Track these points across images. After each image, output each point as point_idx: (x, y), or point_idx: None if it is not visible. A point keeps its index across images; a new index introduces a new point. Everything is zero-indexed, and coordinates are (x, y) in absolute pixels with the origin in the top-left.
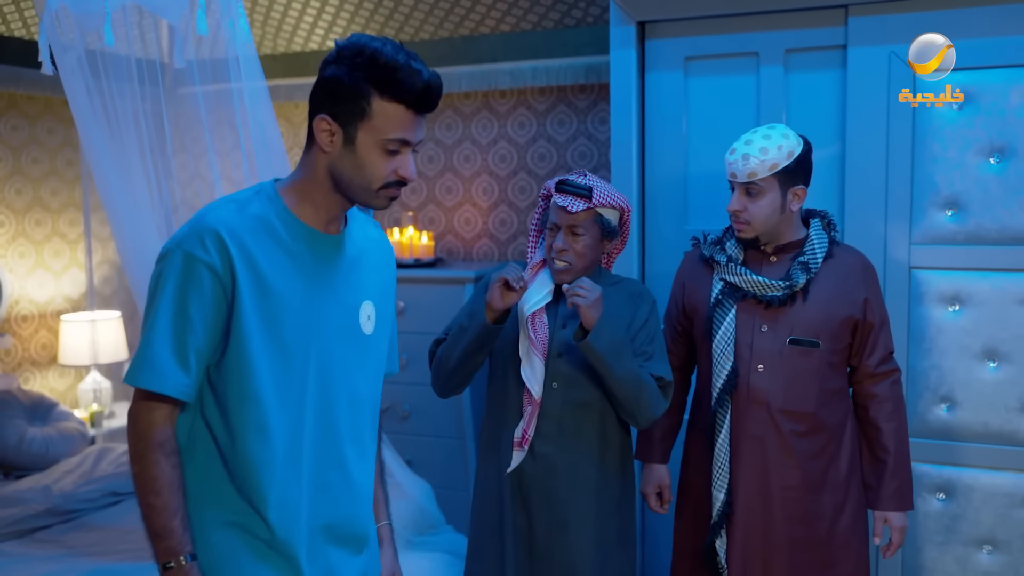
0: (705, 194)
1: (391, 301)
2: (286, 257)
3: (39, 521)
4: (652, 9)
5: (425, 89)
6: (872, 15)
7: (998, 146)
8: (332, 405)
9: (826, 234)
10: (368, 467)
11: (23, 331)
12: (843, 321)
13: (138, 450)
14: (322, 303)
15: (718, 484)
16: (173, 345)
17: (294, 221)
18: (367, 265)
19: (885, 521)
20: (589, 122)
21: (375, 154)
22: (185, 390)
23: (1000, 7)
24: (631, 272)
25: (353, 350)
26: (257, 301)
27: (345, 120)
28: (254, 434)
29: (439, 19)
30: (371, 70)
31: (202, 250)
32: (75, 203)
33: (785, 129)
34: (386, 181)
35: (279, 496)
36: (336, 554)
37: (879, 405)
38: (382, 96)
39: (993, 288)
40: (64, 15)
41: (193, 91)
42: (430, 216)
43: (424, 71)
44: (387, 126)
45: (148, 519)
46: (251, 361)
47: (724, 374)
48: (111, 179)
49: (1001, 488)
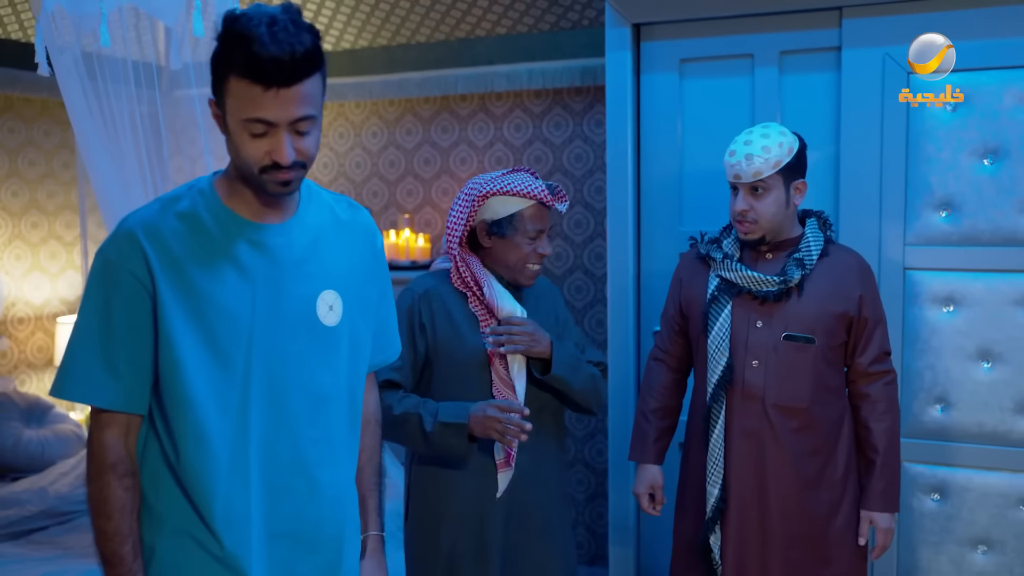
0: (700, 195)
1: (372, 286)
2: (215, 251)
3: (35, 523)
4: (647, 11)
5: (260, 60)
6: (866, 17)
7: (992, 147)
8: (285, 405)
9: (822, 232)
10: (341, 467)
11: (19, 333)
12: (838, 317)
13: (90, 472)
14: (263, 297)
15: (712, 480)
16: (99, 354)
17: (226, 213)
18: (327, 252)
19: (871, 521)
20: (585, 124)
21: (242, 136)
22: (116, 400)
23: (994, 9)
24: (626, 274)
25: (311, 346)
26: (182, 302)
27: (219, 101)
28: (193, 441)
29: (435, 21)
30: (224, 44)
31: (118, 255)
32: (71, 205)
33: (779, 127)
34: (262, 164)
35: (224, 504)
36: (305, 563)
37: (871, 405)
38: (230, 72)
39: (987, 289)
40: (60, 17)
41: (189, 93)
42: (426, 218)
43: (264, 39)
44: (240, 105)
45: (99, 544)
46: (181, 365)
47: (719, 369)
48: (107, 181)
49: (996, 488)
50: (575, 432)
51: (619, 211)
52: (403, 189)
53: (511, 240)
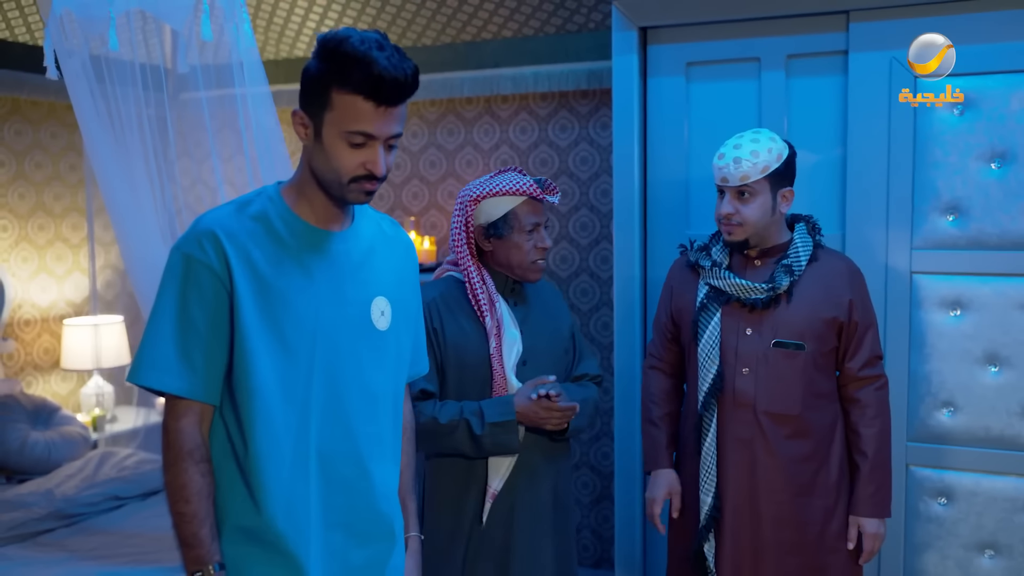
0: (707, 199)
1: (413, 299)
2: (285, 254)
3: (41, 525)
4: (654, 15)
5: (379, 80)
6: (873, 20)
7: (999, 151)
8: (343, 401)
9: (811, 238)
10: (390, 466)
11: (26, 335)
12: (827, 322)
13: (168, 459)
14: (326, 298)
15: (705, 488)
16: (175, 343)
17: (294, 219)
18: (379, 261)
19: (859, 527)
20: (591, 127)
21: (340, 147)
22: (191, 388)
23: (1001, 12)
24: (633, 277)
25: (366, 346)
26: (256, 298)
27: (313, 113)
28: (262, 429)
29: (442, 24)
30: (332, 61)
31: (199, 251)
32: (78, 207)
33: (770, 133)
34: (354, 175)
35: (287, 493)
36: (357, 553)
37: (860, 410)
38: (341, 87)
39: (994, 293)
40: (69, 20)
41: (197, 96)
42: (432, 221)
43: (382, 61)
44: (346, 118)
45: (178, 527)
46: (254, 357)
47: (710, 377)
48: (115, 183)
49: (1002, 492)
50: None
51: (625, 214)
52: (408, 192)
53: (510, 239)
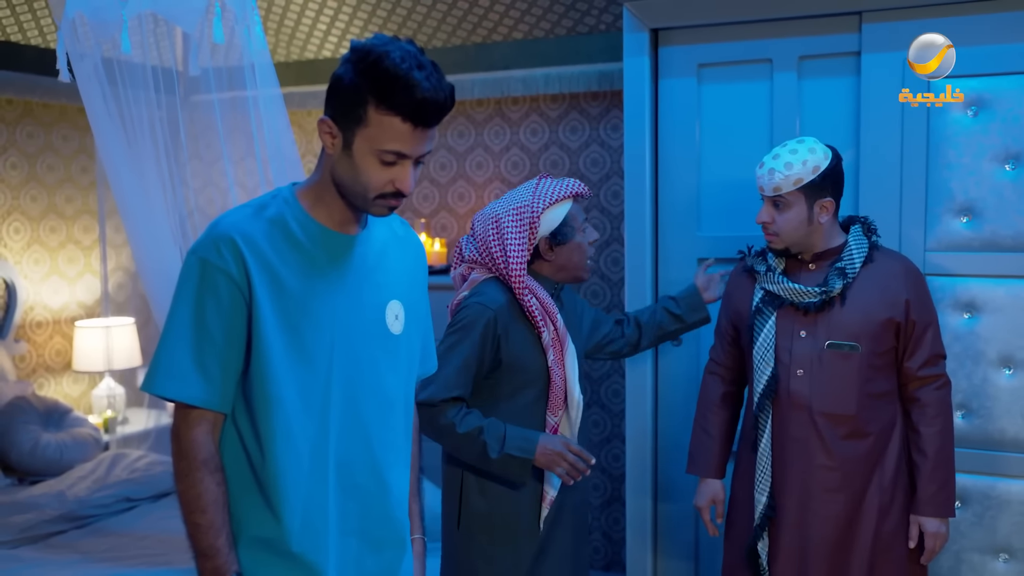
0: (718, 201)
1: (422, 300)
2: (303, 258)
3: (53, 527)
4: (665, 16)
5: (421, 103)
6: (886, 22)
7: (1013, 152)
8: (360, 407)
9: (866, 239)
10: (403, 471)
11: (38, 337)
12: (883, 323)
13: (181, 469)
14: (344, 303)
15: (760, 487)
16: (191, 352)
17: (310, 222)
18: (392, 264)
19: (919, 526)
20: (602, 129)
21: (371, 163)
22: (207, 398)
23: (1014, 14)
24: (644, 279)
25: (382, 350)
26: (274, 303)
27: (344, 125)
28: (281, 439)
29: (452, 26)
30: (371, 77)
31: (217, 256)
32: (90, 210)
33: (813, 143)
34: (382, 191)
35: (305, 502)
36: (371, 560)
37: (920, 409)
38: (379, 106)
39: (1009, 295)
40: (81, 23)
41: (208, 98)
42: (442, 223)
43: (424, 83)
44: (382, 137)
45: (194, 537)
46: (273, 365)
47: (764, 379)
48: (126, 186)
49: (1018, 496)
50: (591, 437)
51: (637, 216)
52: (419, 194)
53: (572, 242)
